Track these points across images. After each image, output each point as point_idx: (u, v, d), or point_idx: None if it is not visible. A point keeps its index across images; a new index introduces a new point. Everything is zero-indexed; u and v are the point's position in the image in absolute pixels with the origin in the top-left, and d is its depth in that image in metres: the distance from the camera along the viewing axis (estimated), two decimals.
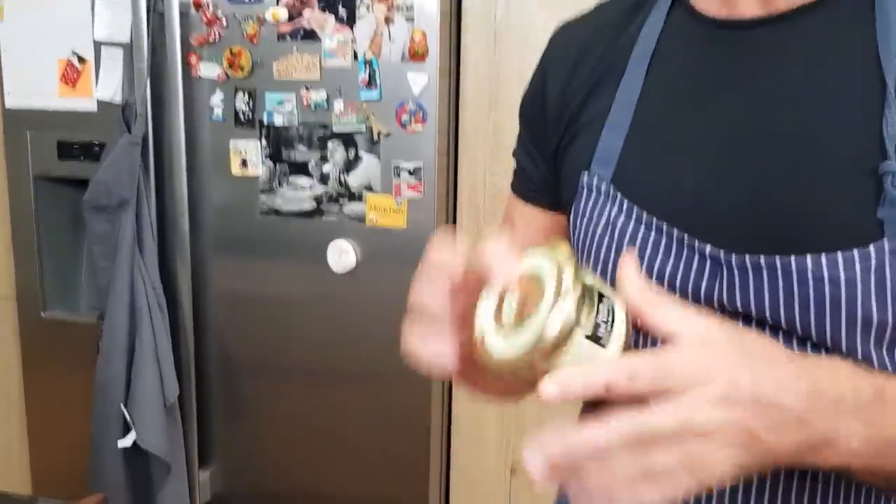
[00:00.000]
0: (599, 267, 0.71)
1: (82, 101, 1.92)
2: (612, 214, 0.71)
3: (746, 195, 0.64)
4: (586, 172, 0.74)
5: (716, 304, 0.66)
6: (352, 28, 1.72)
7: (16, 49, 1.95)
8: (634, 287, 0.52)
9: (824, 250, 0.60)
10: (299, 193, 1.81)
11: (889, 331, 0.60)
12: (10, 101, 1.97)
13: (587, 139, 0.75)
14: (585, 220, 0.74)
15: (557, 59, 0.81)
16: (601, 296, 0.52)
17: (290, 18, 1.75)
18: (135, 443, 1.81)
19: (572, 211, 0.76)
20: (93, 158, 1.91)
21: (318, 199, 1.80)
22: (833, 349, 0.62)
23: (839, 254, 0.60)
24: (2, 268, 2.18)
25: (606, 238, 0.71)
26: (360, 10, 1.72)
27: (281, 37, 1.77)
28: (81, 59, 1.90)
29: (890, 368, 0.64)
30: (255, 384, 1.95)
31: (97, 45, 1.88)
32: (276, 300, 1.88)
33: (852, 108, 0.63)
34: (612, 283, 0.61)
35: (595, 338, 0.50)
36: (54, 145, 1.96)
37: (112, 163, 1.81)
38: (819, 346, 0.63)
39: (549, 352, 0.49)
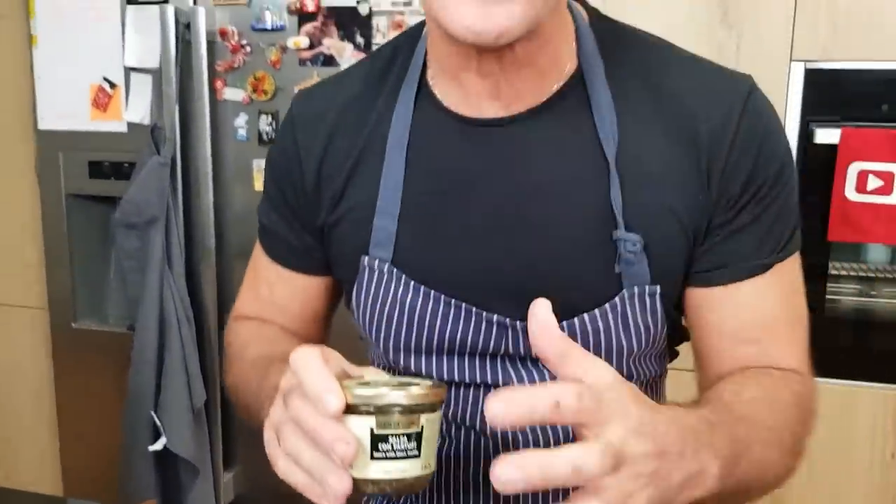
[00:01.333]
0: (392, 337, 0.80)
1: (113, 124, 2.03)
2: (399, 293, 0.78)
3: (514, 271, 0.76)
4: (366, 256, 0.80)
5: (507, 359, 0.78)
6: (367, 53, 1.83)
7: (49, 75, 2.06)
8: (547, 338, 0.54)
9: (583, 307, 0.74)
10: None
11: (637, 353, 0.77)
12: (43, 124, 2.09)
13: (358, 222, 0.80)
14: (371, 297, 0.80)
15: (309, 131, 0.83)
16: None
17: (311, 46, 1.86)
18: (164, 447, 1.91)
19: (355, 288, 0.82)
20: (123, 177, 2.02)
21: None
22: None
23: (597, 311, 0.74)
24: (35, 280, 2.29)
25: (396, 313, 0.79)
26: (376, 38, 1.83)
27: (302, 62, 1.88)
28: (112, 85, 2.01)
29: (643, 372, 0.81)
30: None
31: (127, 71, 1.99)
32: None
33: (586, 188, 0.74)
34: (408, 352, 0.76)
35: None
36: (86, 165, 2.07)
37: (142, 182, 1.92)
38: None
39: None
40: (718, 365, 0.77)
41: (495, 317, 0.76)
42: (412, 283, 0.78)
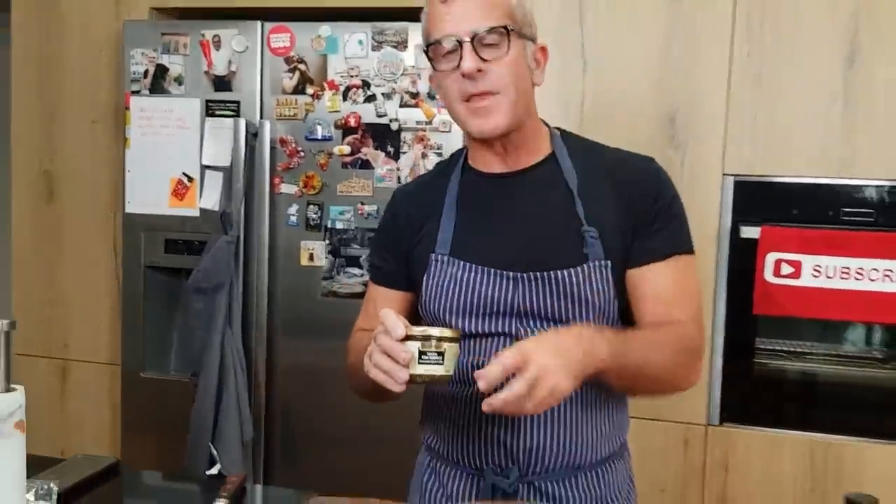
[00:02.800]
0: (449, 304, 1.29)
1: (187, 210, 2.52)
2: (454, 271, 1.30)
3: (522, 255, 1.27)
4: (433, 254, 1.32)
5: (518, 306, 1.25)
6: (396, 160, 2.35)
7: (138, 170, 2.56)
8: (493, 374, 1.05)
9: (565, 268, 1.25)
10: (352, 280, 2.39)
11: (599, 307, 1.26)
12: (129, 209, 2.57)
13: (429, 241, 1.34)
14: (436, 279, 1.31)
15: (403, 201, 1.42)
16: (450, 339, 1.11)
17: (352, 153, 2.38)
18: (218, 472, 2.32)
19: (425, 277, 1.32)
20: (193, 252, 2.50)
21: (366, 284, 2.36)
22: (584, 323, 1.26)
23: (573, 270, 1.25)
24: (104, 339, 2.75)
25: (453, 284, 1.29)
26: (404, 148, 2.35)
27: (344, 165, 2.39)
28: (190, 179, 2.51)
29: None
30: (307, 433, 2.47)
31: (202, 168, 2.50)
32: (330, 371, 2.41)
33: (562, 207, 1.28)
34: (459, 315, 1.27)
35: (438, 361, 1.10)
36: (163, 242, 2.55)
37: (212, 256, 2.40)
38: (576, 322, 1.26)
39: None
40: (647, 324, 1.27)
41: (511, 273, 1.26)
42: (461, 262, 1.29)
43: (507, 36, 1.22)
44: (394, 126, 2.36)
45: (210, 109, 2.49)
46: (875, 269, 2.13)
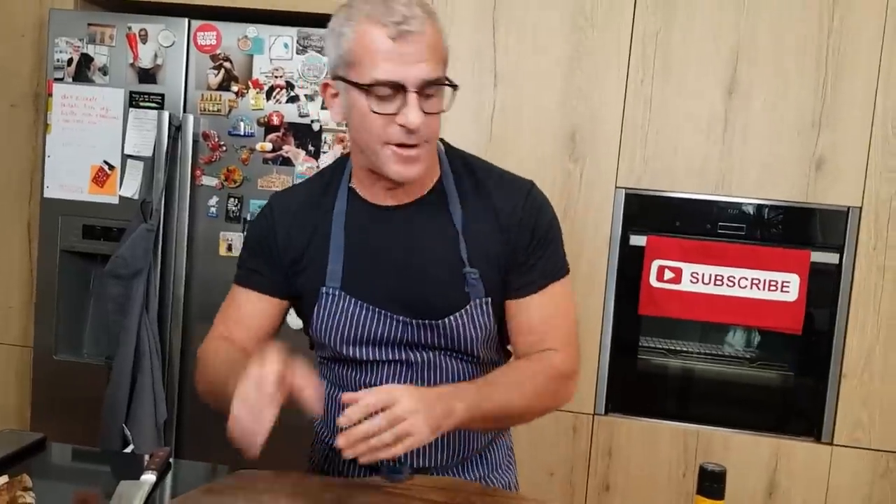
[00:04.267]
0: (341, 335, 1.30)
1: (107, 197, 2.58)
2: (345, 306, 1.29)
3: (409, 293, 1.29)
4: (324, 287, 1.30)
5: (408, 340, 1.30)
6: (316, 158, 2.48)
7: (58, 156, 2.60)
8: (361, 407, 1.09)
9: (449, 312, 1.28)
10: None
11: (481, 339, 1.32)
12: (48, 193, 2.61)
13: (317, 268, 1.31)
14: (327, 312, 1.30)
15: (280, 216, 1.35)
16: None
17: (273, 150, 2.49)
18: (132, 451, 2.40)
19: (316, 308, 1.30)
20: (111, 239, 2.56)
21: None
22: (467, 353, 1.33)
23: (458, 314, 1.29)
24: (15, 321, 2.77)
25: (345, 319, 1.30)
26: (324, 147, 2.47)
27: (265, 161, 2.50)
28: (111, 167, 2.57)
29: (487, 356, 1.37)
30: (219, 415, 2.56)
31: (124, 157, 2.56)
32: None
33: (446, 245, 1.29)
34: (350, 344, 1.29)
35: None
36: (80, 227, 2.59)
37: (132, 243, 2.47)
38: (460, 352, 1.33)
39: None
40: (520, 351, 1.36)
41: (401, 317, 1.30)
42: (354, 299, 1.30)
43: (444, 88, 1.21)
44: (315, 126, 2.48)
45: (134, 100, 2.55)
46: (745, 278, 2.39)
